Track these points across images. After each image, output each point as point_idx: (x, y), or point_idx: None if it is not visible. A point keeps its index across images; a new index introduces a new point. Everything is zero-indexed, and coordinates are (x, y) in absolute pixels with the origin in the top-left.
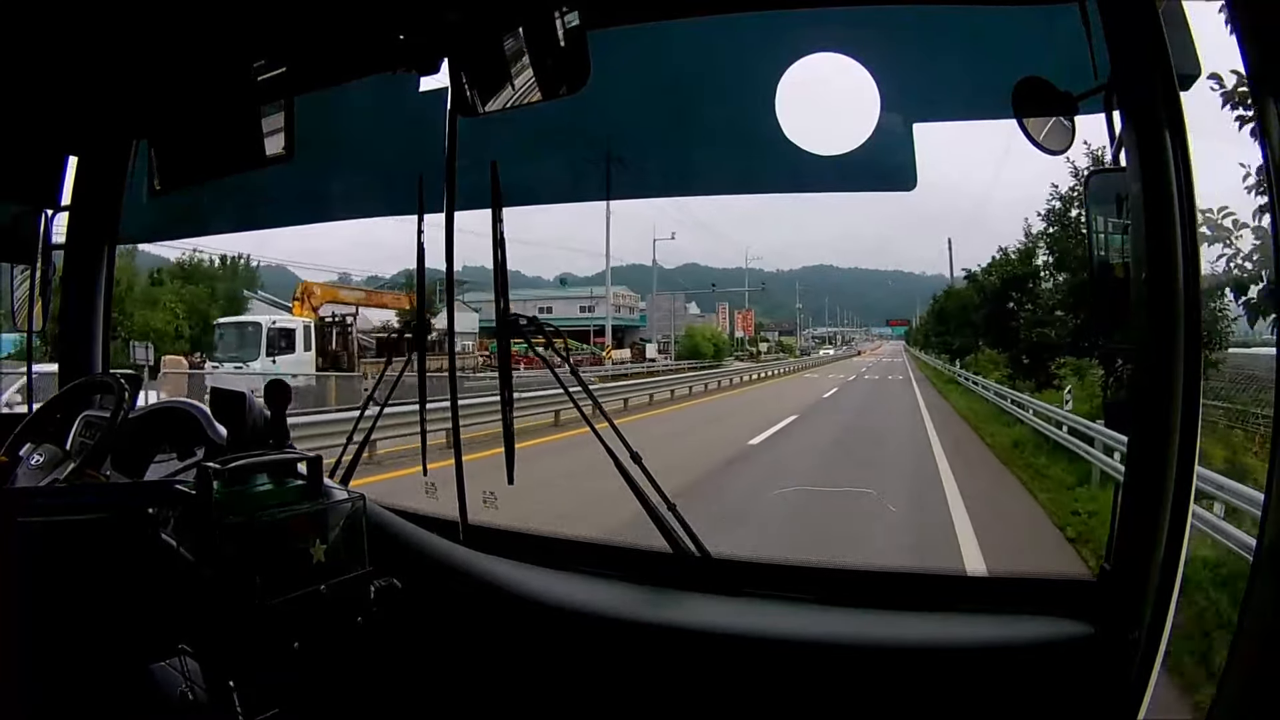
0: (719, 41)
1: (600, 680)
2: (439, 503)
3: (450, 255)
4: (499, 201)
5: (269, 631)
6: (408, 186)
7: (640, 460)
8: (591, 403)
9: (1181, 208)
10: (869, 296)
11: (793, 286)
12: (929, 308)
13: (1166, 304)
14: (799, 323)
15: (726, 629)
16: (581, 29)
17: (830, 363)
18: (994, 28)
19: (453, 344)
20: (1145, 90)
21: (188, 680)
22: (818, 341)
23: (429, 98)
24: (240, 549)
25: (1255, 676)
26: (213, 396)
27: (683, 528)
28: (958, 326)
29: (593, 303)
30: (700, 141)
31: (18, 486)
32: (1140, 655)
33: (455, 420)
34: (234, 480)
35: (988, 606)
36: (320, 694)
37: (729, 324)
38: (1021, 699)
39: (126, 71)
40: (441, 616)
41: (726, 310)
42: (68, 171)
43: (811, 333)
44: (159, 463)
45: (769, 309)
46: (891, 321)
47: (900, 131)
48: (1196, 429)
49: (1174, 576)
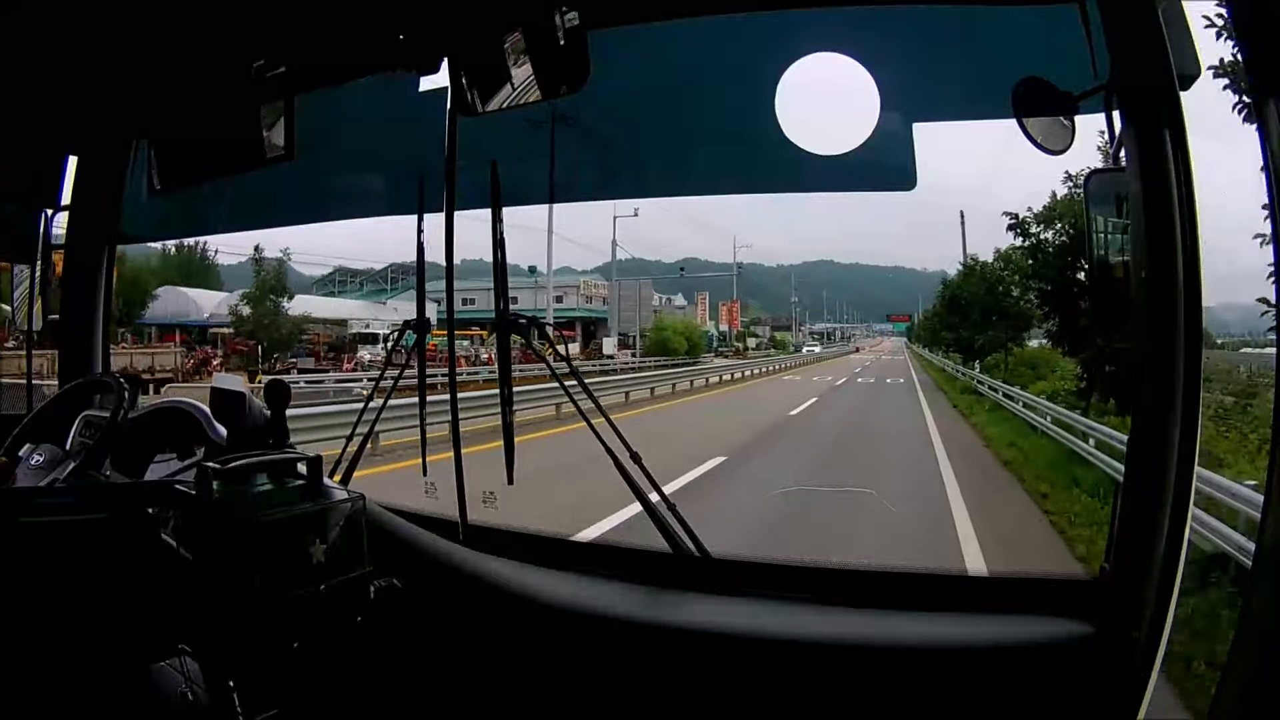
0: (719, 41)
1: (600, 680)
2: (439, 502)
3: (450, 255)
4: (499, 201)
5: (269, 631)
6: (408, 186)
7: (639, 460)
8: (590, 400)
9: (1181, 208)
10: (870, 293)
11: (796, 282)
12: (938, 295)
13: (1166, 304)
14: (795, 318)
15: (726, 629)
16: (581, 29)
17: (816, 362)
18: (994, 28)
19: (452, 344)
20: (1145, 90)
21: (188, 680)
22: (815, 337)
23: (429, 97)
24: (240, 549)
25: (1255, 676)
26: (213, 396)
27: (682, 527)
28: (981, 317)
29: (562, 292)
30: (700, 141)
31: (18, 486)
32: (1140, 655)
33: (455, 420)
34: (234, 480)
35: (988, 606)
36: (320, 694)
37: (709, 316)
38: (1021, 699)
39: (126, 71)
40: (441, 616)
41: (706, 301)
42: (68, 171)
43: (810, 328)
44: (159, 463)
45: (768, 304)
46: (892, 317)
47: (900, 131)
48: (1196, 429)
49: (1174, 576)
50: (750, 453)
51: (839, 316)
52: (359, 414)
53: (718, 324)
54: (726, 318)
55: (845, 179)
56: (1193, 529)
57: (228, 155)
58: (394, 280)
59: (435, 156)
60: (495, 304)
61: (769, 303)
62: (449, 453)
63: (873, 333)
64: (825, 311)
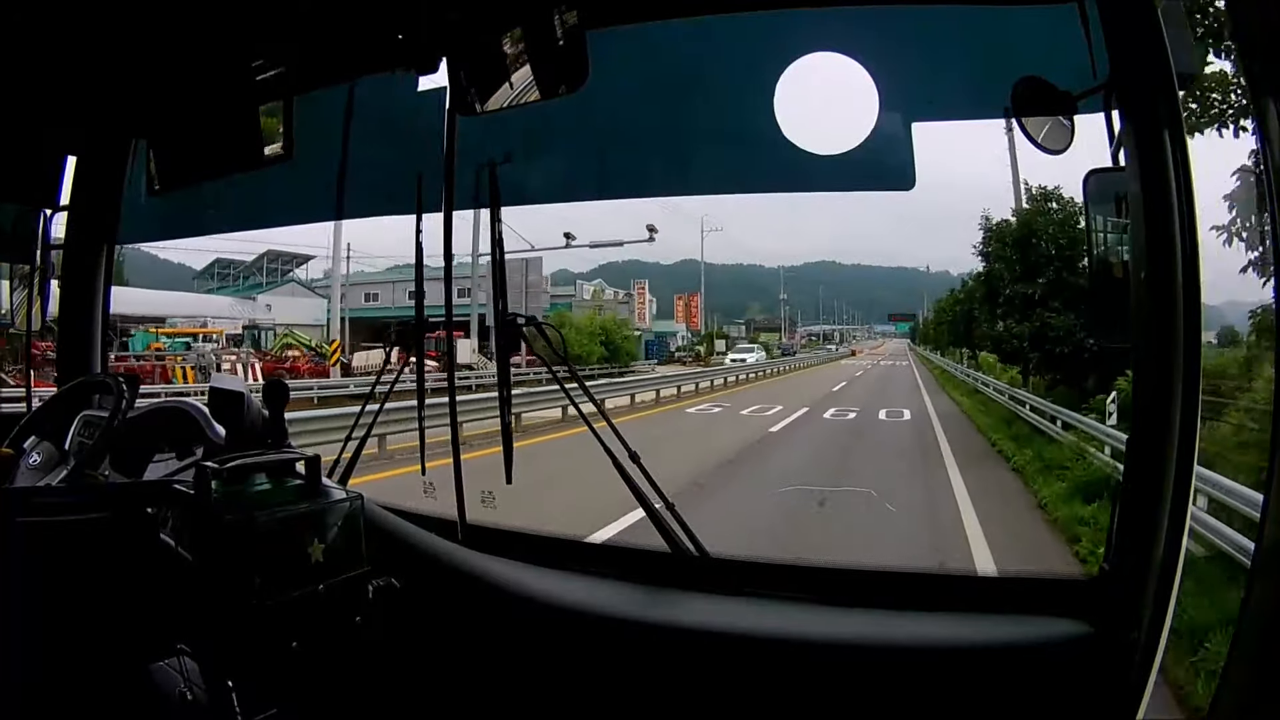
0: (718, 41)
1: (599, 680)
2: (437, 502)
3: (449, 254)
4: (498, 201)
5: (267, 631)
6: (407, 186)
7: (639, 460)
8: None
9: (1181, 207)
10: (872, 293)
11: (799, 283)
12: (972, 279)
13: (1166, 304)
14: (784, 318)
15: (725, 629)
16: (581, 29)
17: (767, 379)
18: (993, 27)
19: (451, 343)
20: (1144, 90)
21: (186, 680)
22: (813, 339)
23: (428, 97)
24: (238, 549)
25: (1255, 676)
26: (211, 396)
27: (681, 527)
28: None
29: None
30: (699, 141)
31: (17, 486)
32: (1139, 655)
33: (454, 420)
34: (232, 480)
35: (987, 606)
36: (318, 693)
37: (646, 311)
38: (1020, 699)
39: (126, 71)
40: (440, 616)
41: (645, 293)
42: (66, 171)
43: (808, 330)
44: (157, 462)
45: (769, 305)
46: (894, 316)
47: (899, 131)
48: (1195, 429)
49: (1173, 576)
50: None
51: (839, 318)
52: (357, 415)
53: (688, 323)
54: (683, 314)
55: (844, 179)
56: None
57: (226, 155)
58: (271, 272)
59: (434, 156)
60: (494, 304)
61: (770, 304)
62: (448, 458)
63: (874, 334)
64: (822, 312)
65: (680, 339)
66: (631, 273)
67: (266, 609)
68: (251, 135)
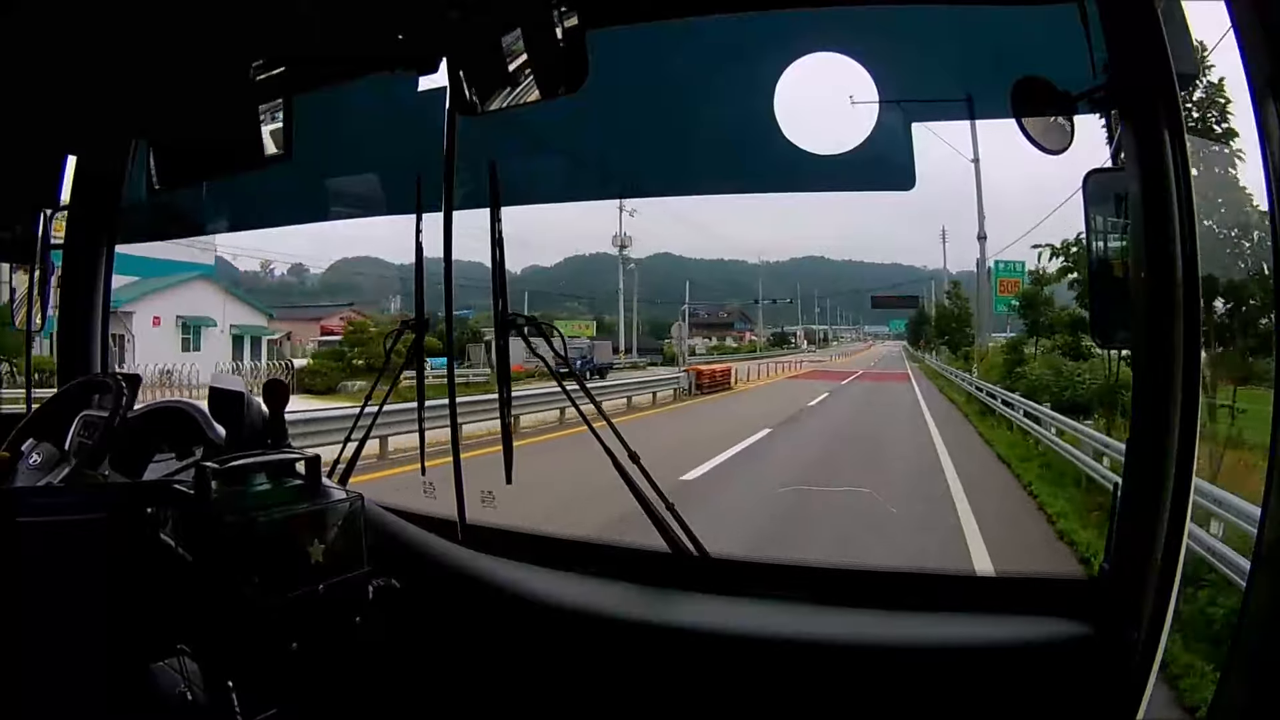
0: (718, 41)
1: (599, 680)
2: (437, 502)
3: (449, 254)
4: (497, 201)
5: (267, 631)
6: (406, 186)
7: (638, 459)
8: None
9: (1180, 207)
10: (865, 291)
11: (786, 280)
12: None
13: (1166, 304)
14: (760, 316)
15: (725, 629)
16: (581, 29)
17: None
18: (993, 28)
19: (450, 342)
20: (1144, 90)
21: (186, 680)
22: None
23: (428, 97)
24: (238, 549)
25: (1255, 676)
26: (211, 396)
27: (681, 527)
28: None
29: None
30: (699, 141)
31: (17, 486)
32: (1139, 655)
33: (454, 419)
34: (232, 480)
35: (987, 606)
36: (318, 694)
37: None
38: (1020, 699)
39: (125, 71)
40: (440, 616)
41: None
42: (67, 171)
43: (797, 330)
44: (157, 462)
45: (747, 303)
46: (878, 300)
47: (899, 131)
48: (1195, 429)
49: (1173, 577)
50: None
51: (827, 316)
52: (357, 415)
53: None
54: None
55: (844, 178)
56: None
57: (227, 155)
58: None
59: (434, 156)
60: (494, 304)
61: (749, 301)
62: (448, 458)
63: (863, 335)
64: (800, 310)
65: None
66: (599, 268)
67: (267, 609)
68: (251, 135)
